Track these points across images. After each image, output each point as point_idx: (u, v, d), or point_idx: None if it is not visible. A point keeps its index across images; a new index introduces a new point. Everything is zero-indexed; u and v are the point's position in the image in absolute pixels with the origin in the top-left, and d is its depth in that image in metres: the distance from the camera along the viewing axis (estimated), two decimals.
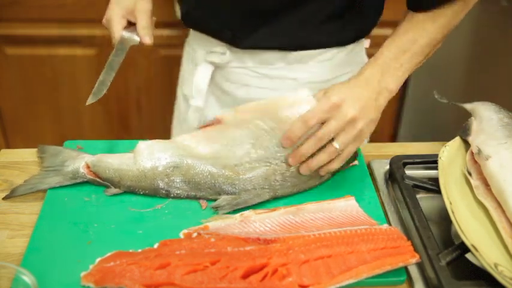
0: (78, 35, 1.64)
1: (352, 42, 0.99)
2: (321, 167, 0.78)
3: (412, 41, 0.82)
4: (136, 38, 0.91)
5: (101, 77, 0.87)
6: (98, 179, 0.81)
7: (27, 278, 0.63)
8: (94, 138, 1.15)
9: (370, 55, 0.85)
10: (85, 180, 0.82)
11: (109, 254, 0.69)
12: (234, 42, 0.96)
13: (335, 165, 0.78)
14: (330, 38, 0.96)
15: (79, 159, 0.83)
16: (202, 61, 1.01)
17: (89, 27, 1.59)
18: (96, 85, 0.86)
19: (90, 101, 0.85)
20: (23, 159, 0.89)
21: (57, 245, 0.72)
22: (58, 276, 0.67)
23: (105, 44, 1.58)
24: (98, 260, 0.68)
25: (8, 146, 1.89)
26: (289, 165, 0.79)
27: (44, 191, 0.81)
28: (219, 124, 0.82)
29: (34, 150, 0.91)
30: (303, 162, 0.78)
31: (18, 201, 0.81)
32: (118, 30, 0.91)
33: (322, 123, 0.75)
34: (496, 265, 0.64)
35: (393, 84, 0.79)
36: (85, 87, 0.77)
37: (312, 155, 0.77)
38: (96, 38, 1.62)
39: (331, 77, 1.00)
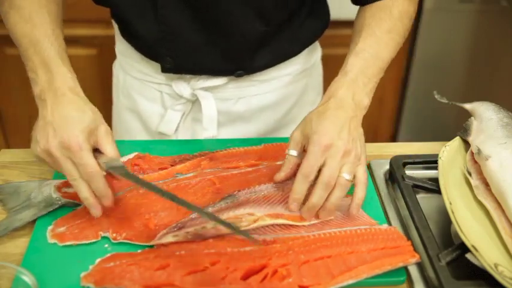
0: (78, 35, 1.64)
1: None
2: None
3: (375, 55, 0.82)
4: (121, 161, 0.73)
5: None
6: (74, 200, 0.76)
7: (27, 278, 0.63)
8: None
9: None
10: (61, 205, 0.76)
11: (109, 254, 0.69)
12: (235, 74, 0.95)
13: (361, 193, 0.75)
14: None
15: (45, 186, 0.79)
16: (200, 93, 0.97)
17: (89, 27, 1.59)
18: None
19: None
20: (23, 159, 0.89)
21: (57, 245, 0.71)
22: (58, 276, 0.67)
23: (105, 44, 1.58)
24: (97, 260, 0.68)
25: (8, 146, 1.89)
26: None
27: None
28: None
29: None
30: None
31: None
32: (93, 159, 0.70)
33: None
34: (496, 265, 0.64)
35: (366, 100, 0.80)
36: (85, 87, 0.76)
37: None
38: (96, 38, 1.62)
39: (309, 65, 1.05)
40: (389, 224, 0.78)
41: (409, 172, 0.84)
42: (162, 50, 0.91)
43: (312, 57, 1.06)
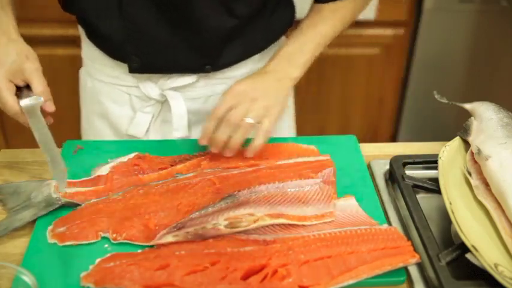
0: (78, 35, 1.64)
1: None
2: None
3: (317, 33, 0.91)
4: (41, 99, 0.76)
5: (48, 158, 0.77)
6: (74, 200, 0.77)
7: (27, 278, 0.63)
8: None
9: None
10: (61, 205, 0.77)
11: (109, 254, 0.69)
12: (204, 70, 0.94)
13: (258, 141, 0.83)
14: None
15: (45, 186, 0.79)
16: (169, 93, 0.96)
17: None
18: (53, 170, 0.78)
19: (62, 188, 0.78)
20: (23, 159, 0.89)
21: (57, 245, 0.71)
22: (58, 276, 0.67)
23: None
24: (97, 260, 0.68)
25: (8, 146, 1.89)
26: None
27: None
28: None
29: (34, 150, 0.91)
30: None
31: None
32: (14, 99, 0.76)
33: None
34: (496, 265, 0.64)
35: (297, 72, 0.89)
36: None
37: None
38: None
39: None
40: (389, 224, 0.78)
41: (409, 172, 0.84)
42: (128, 49, 0.90)
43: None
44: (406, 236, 0.73)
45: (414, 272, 0.70)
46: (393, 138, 2.12)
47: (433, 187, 0.80)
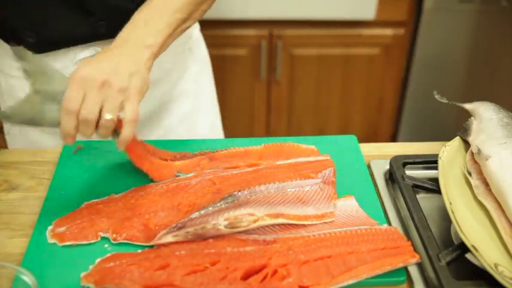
0: None
1: None
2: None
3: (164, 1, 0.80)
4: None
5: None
6: None
7: (27, 278, 0.63)
8: (93, 137, 1.15)
9: None
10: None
11: (109, 254, 0.69)
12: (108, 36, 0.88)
13: (127, 133, 0.71)
14: None
15: None
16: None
17: None
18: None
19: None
20: (23, 159, 0.89)
21: (57, 245, 0.71)
22: (58, 276, 0.67)
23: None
24: (97, 260, 0.68)
25: (8, 146, 1.89)
26: None
27: (45, 190, 0.81)
28: None
29: (34, 150, 0.91)
30: None
31: (18, 201, 0.81)
32: None
33: None
34: (496, 265, 0.64)
35: (151, 39, 0.76)
36: None
37: None
38: None
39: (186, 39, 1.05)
40: (389, 224, 0.78)
41: (409, 172, 0.84)
42: (20, 26, 0.87)
43: (187, 32, 1.00)
44: (406, 236, 0.73)
45: (414, 272, 0.70)
46: (393, 138, 2.12)
47: (433, 187, 0.80)
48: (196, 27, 1.11)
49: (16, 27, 0.88)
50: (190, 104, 1.11)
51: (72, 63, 0.92)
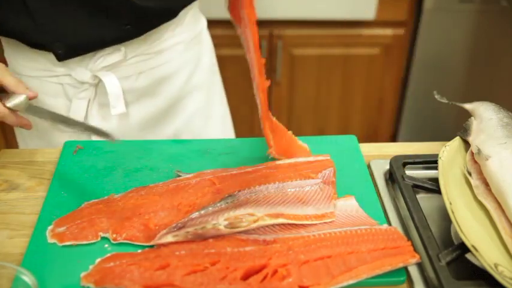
0: None
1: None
2: None
3: None
4: (24, 96, 0.81)
5: (81, 128, 0.84)
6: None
7: (27, 278, 0.63)
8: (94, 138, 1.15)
9: None
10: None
11: (109, 254, 0.69)
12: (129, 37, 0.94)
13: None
14: None
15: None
16: (101, 73, 0.96)
17: None
18: (91, 131, 0.83)
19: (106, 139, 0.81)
20: (23, 159, 0.89)
21: (57, 245, 0.71)
22: (58, 276, 0.67)
23: None
24: (97, 260, 0.68)
25: (8, 146, 1.89)
26: None
27: (45, 190, 0.81)
28: None
29: (34, 150, 0.91)
30: None
31: (18, 201, 0.81)
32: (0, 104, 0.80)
33: None
34: (496, 265, 0.64)
35: None
36: None
37: None
38: None
39: (197, 32, 1.08)
40: (389, 224, 0.78)
41: (409, 172, 0.84)
42: (48, 38, 0.90)
43: (198, 25, 1.08)
44: (406, 236, 0.73)
45: (414, 272, 0.70)
46: (393, 138, 2.12)
47: (433, 187, 0.80)
48: (203, 20, 1.13)
49: (44, 42, 0.90)
50: (203, 97, 1.13)
51: (96, 66, 0.95)
